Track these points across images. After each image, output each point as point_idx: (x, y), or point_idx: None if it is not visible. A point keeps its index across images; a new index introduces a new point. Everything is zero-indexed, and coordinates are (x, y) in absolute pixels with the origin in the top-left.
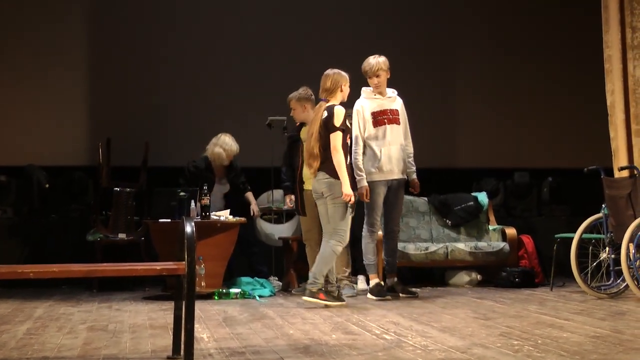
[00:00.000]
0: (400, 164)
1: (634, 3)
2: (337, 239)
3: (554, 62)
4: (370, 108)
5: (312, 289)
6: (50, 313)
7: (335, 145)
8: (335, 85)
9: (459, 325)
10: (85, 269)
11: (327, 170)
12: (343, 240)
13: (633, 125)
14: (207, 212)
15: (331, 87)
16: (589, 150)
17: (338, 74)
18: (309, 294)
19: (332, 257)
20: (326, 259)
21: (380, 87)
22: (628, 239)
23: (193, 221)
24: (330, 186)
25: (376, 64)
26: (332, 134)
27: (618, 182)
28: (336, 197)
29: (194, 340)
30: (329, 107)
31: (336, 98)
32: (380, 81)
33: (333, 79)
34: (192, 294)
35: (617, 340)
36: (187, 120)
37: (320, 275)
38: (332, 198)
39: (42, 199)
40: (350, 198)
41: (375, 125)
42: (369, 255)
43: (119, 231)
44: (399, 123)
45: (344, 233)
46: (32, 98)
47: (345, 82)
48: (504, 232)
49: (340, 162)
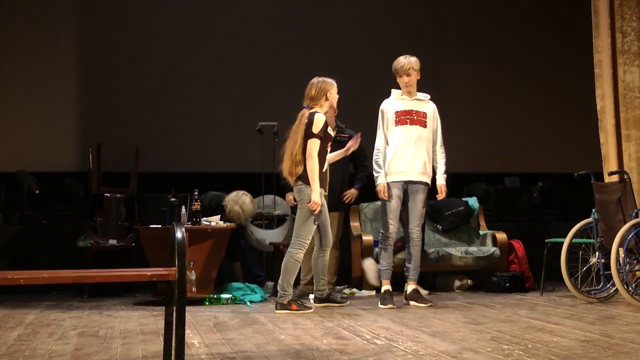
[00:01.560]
0: (420, 167)
1: (624, 8)
2: (297, 246)
3: (544, 67)
4: (394, 107)
5: (282, 302)
6: (41, 319)
7: (311, 152)
8: (320, 93)
9: (449, 330)
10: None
11: (302, 178)
12: (302, 247)
13: (623, 130)
14: (197, 218)
15: (316, 94)
16: (579, 155)
17: (322, 82)
18: (280, 306)
19: (294, 265)
20: (289, 269)
21: (410, 86)
22: (618, 244)
23: (184, 227)
24: (300, 192)
25: (407, 63)
26: (310, 140)
27: (608, 187)
28: (303, 203)
29: (184, 346)
30: (310, 114)
31: (321, 105)
32: (410, 80)
33: (318, 87)
34: (182, 300)
35: (606, 345)
36: (177, 127)
37: (288, 286)
38: (300, 204)
39: (32, 205)
40: (317, 207)
41: (397, 125)
42: (380, 260)
43: (110, 237)
44: (425, 126)
45: (304, 239)
46: (22, 104)
47: (331, 89)
48: (495, 237)
49: (313, 169)
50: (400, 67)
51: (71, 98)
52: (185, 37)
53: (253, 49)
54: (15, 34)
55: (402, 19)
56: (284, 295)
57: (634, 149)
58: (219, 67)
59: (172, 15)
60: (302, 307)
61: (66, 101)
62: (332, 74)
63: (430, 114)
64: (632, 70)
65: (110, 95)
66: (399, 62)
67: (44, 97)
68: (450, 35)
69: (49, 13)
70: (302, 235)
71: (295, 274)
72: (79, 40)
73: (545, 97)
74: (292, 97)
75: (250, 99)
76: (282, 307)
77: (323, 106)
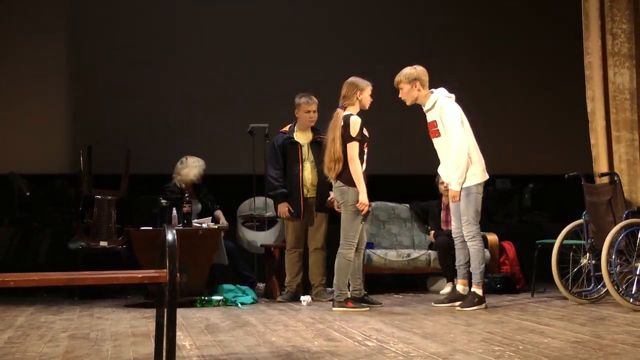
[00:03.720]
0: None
1: (614, 10)
2: (346, 246)
3: (534, 69)
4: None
5: (339, 300)
6: (31, 321)
7: (352, 155)
8: (350, 92)
9: (440, 332)
10: (66, 277)
11: (342, 179)
12: (351, 246)
13: (613, 132)
14: (188, 220)
15: (346, 94)
16: (570, 157)
17: (353, 82)
18: (338, 304)
19: (347, 265)
20: (343, 269)
21: (406, 100)
22: (608, 245)
23: (175, 229)
24: (343, 194)
25: (397, 76)
26: (349, 144)
27: (598, 189)
28: (348, 205)
29: (175, 348)
30: (345, 116)
31: (354, 105)
32: (402, 94)
33: (348, 87)
34: (173, 302)
35: (597, 346)
36: (169, 128)
37: (344, 286)
38: (345, 205)
39: (23, 207)
40: (365, 208)
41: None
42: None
43: (101, 239)
44: (439, 135)
45: (352, 239)
46: (13, 106)
47: (362, 90)
48: (486, 239)
49: (357, 171)
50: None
51: (62, 100)
52: (176, 38)
53: (244, 50)
54: (5, 35)
55: (392, 20)
56: (341, 294)
57: (624, 151)
58: (210, 68)
59: (164, 17)
60: (358, 305)
61: (57, 103)
62: (327, 75)
63: (438, 120)
64: (622, 72)
65: (101, 97)
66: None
67: (35, 98)
68: (441, 39)
69: (39, 14)
70: (351, 235)
71: (348, 273)
72: (70, 42)
73: (536, 99)
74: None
75: (241, 101)
76: (339, 305)
77: (355, 105)
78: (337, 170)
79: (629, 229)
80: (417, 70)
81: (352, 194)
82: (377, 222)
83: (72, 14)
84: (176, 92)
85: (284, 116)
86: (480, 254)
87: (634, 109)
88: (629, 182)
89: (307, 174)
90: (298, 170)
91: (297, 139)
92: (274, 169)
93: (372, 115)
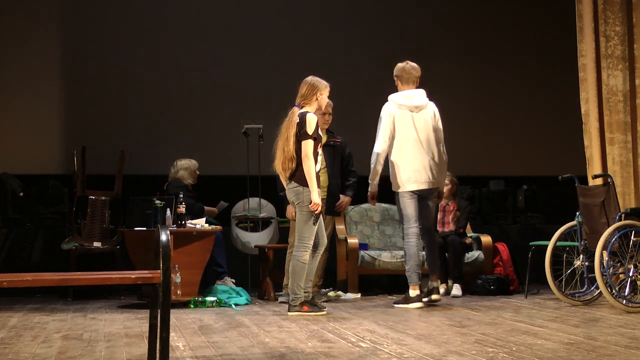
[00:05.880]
0: None
1: (607, 12)
2: (301, 248)
3: (528, 71)
4: None
5: (294, 304)
6: (24, 322)
7: (307, 152)
8: (310, 92)
9: (434, 333)
10: (59, 278)
11: (296, 179)
12: (306, 249)
13: (607, 134)
14: (182, 221)
15: (306, 93)
16: (564, 159)
17: (315, 81)
18: (293, 309)
19: (301, 268)
20: (297, 272)
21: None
22: (601, 247)
23: (168, 229)
24: (297, 194)
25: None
26: (304, 142)
27: (592, 190)
28: (303, 205)
29: (169, 349)
30: (301, 113)
31: (311, 105)
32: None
33: (309, 86)
34: (167, 303)
35: (590, 347)
36: (162, 129)
37: (299, 289)
38: (300, 206)
39: (16, 208)
40: (317, 207)
41: None
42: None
43: (94, 240)
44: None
45: (307, 241)
46: (6, 106)
47: (322, 91)
48: (479, 240)
49: (310, 170)
50: None
51: (56, 100)
52: (170, 40)
53: (238, 51)
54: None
55: (384, 20)
56: (296, 298)
57: (617, 153)
58: (204, 69)
59: (157, 18)
60: (314, 309)
61: (51, 103)
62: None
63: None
64: (615, 74)
65: (95, 98)
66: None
67: (28, 99)
68: (434, 40)
69: (33, 15)
70: (305, 237)
71: (304, 276)
72: (64, 42)
73: (530, 101)
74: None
75: (235, 102)
76: (294, 309)
77: (312, 105)
78: (291, 169)
79: (622, 230)
80: (397, 67)
81: (307, 195)
82: (371, 223)
83: (65, 15)
84: (170, 93)
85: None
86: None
87: (627, 111)
88: (623, 184)
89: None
90: None
91: None
92: None
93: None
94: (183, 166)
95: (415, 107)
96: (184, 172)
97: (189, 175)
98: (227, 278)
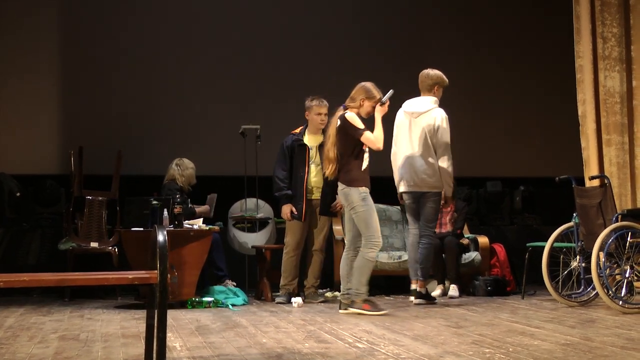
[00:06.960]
0: None
1: (604, 14)
2: (369, 246)
3: (526, 72)
4: None
5: (356, 300)
6: (21, 322)
7: (375, 140)
8: (356, 95)
9: (431, 334)
10: (56, 278)
11: (343, 180)
12: (375, 246)
13: (604, 135)
14: (179, 221)
15: (353, 95)
16: (561, 160)
17: (362, 87)
18: (355, 305)
19: (368, 265)
20: (362, 269)
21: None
22: (598, 248)
23: (165, 230)
24: (346, 196)
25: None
26: (362, 138)
27: (589, 192)
28: (355, 205)
29: (166, 349)
30: (341, 115)
31: (356, 107)
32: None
33: (358, 89)
34: (164, 303)
35: (587, 348)
36: (160, 129)
37: (362, 286)
38: (351, 208)
39: (13, 208)
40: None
41: None
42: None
43: (91, 240)
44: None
45: (374, 239)
46: (3, 106)
47: (368, 98)
48: (477, 241)
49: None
50: None
51: (53, 100)
52: (168, 40)
53: (236, 52)
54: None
55: (386, 19)
56: (358, 295)
57: (614, 154)
58: (202, 70)
59: (155, 19)
60: (374, 309)
61: (48, 103)
62: (319, 77)
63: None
64: (612, 76)
65: (93, 98)
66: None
67: (25, 99)
68: (434, 40)
69: (30, 16)
70: (371, 235)
71: (369, 275)
72: (61, 42)
73: (527, 102)
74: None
75: (233, 102)
76: (356, 305)
77: (356, 109)
78: (332, 170)
79: (619, 231)
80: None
81: (355, 194)
82: None
83: (63, 16)
84: (168, 94)
85: (276, 117)
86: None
87: (624, 113)
88: (619, 185)
89: (313, 177)
90: (304, 173)
91: (307, 141)
92: (282, 170)
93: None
94: (190, 165)
95: (414, 113)
96: (192, 171)
97: (193, 177)
98: (228, 281)
